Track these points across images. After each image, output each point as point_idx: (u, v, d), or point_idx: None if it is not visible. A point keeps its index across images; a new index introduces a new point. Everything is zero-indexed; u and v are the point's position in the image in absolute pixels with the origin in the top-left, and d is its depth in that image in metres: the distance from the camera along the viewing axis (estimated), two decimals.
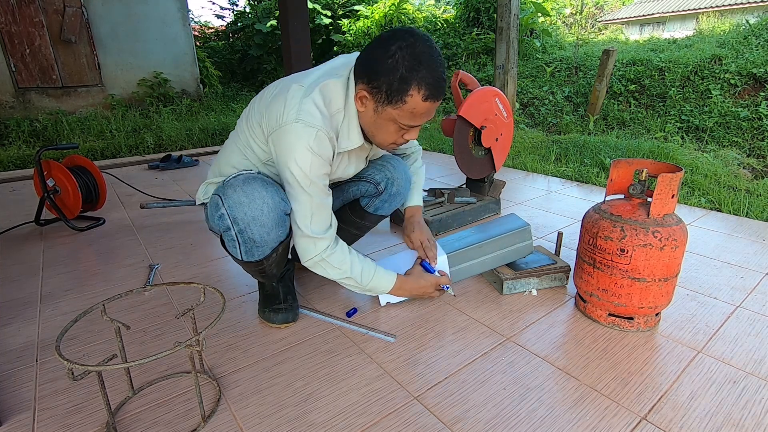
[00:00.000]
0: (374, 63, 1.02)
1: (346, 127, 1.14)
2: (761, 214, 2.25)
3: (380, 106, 1.06)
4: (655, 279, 1.20)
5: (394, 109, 1.05)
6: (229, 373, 1.15)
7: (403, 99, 1.03)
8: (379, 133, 1.14)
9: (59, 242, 2.11)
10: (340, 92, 1.11)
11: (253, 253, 1.17)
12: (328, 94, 1.10)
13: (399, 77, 1.00)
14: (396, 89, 1.02)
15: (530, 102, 5.73)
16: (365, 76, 1.05)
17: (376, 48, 1.03)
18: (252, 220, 1.11)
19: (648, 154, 3.43)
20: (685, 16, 13.24)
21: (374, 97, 1.06)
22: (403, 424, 0.97)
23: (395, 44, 1.00)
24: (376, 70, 1.02)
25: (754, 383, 1.08)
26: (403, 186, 1.47)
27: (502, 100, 2.10)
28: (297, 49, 3.02)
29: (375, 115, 1.09)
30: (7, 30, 5.14)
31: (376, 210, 1.49)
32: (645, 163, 1.28)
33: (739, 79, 4.63)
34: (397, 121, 1.09)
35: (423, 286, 1.37)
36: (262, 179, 1.13)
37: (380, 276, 1.30)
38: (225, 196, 1.12)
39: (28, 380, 1.14)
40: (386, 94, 1.03)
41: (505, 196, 2.63)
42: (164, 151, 4.54)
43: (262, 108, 1.15)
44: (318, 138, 1.06)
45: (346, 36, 8.54)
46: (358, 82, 1.08)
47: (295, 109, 1.06)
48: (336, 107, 1.11)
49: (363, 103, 1.09)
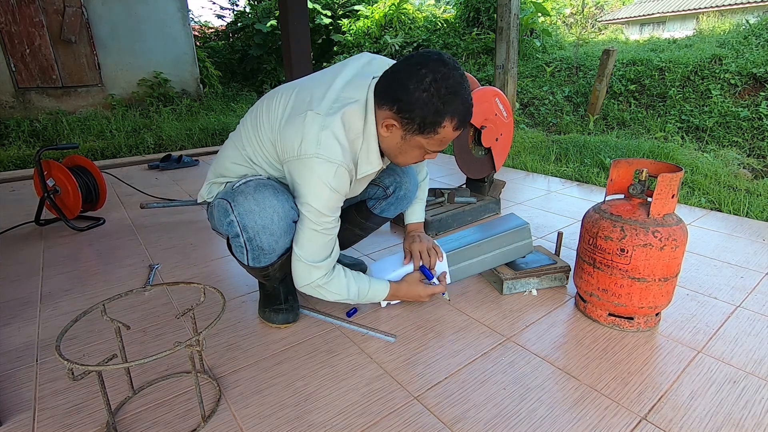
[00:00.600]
0: (405, 94, 0.99)
1: (366, 152, 1.11)
2: (761, 214, 2.25)
3: (409, 134, 1.05)
4: (655, 279, 1.20)
5: (425, 138, 1.04)
6: (229, 373, 1.15)
7: (435, 130, 1.02)
8: (401, 156, 1.13)
9: (59, 242, 2.11)
10: (359, 118, 1.07)
11: (260, 260, 1.17)
12: (347, 123, 1.06)
13: (434, 111, 0.99)
14: (430, 122, 1.01)
15: (530, 102, 5.73)
16: (394, 105, 1.01)
17: (405, 76, 0.99)
18: (262, 228, 1.11)
19: (648, 154, 3.43)
20: (685, 16, 13.24)
21: (404, 127, 1.04)
22: (403, 424, 0.97)
23: (429, 76, 0.97)
24: (409, 101, 0.99)
25: (754, 383, 1.08)
26: (410, 190, 1.47)
27: (502, 100, 2.10)
28: (297, 49, 3.02)
29: (401, 141, 1.08)
30: (7, 30, 5.14)
31: (382, 212, 1.49)
32: (645, 163, 1.28)
33: (739, 79, 4.63)
34: (425, 148, 1.08)
35: (416, 293, 1.37)
36: (273, 186, 1.12)
37: (374, 289, 1.30)
38: (235, 202, 1.11)
39: (28, 380, 1.14)
40: (419, 126, 1.02)
41: (505, 196, 2.63)
42: (164, 151, 4.54)
43: (274, 128, 1.11)
44: (337, 174, 1.04)
45: (346, 36, 8.54)
46: (383, 107, 1.04)
47: (314, 142, 1.02)
48: (355, 134, 1.08)
49: (389, 130, 1.07)
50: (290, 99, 1.13)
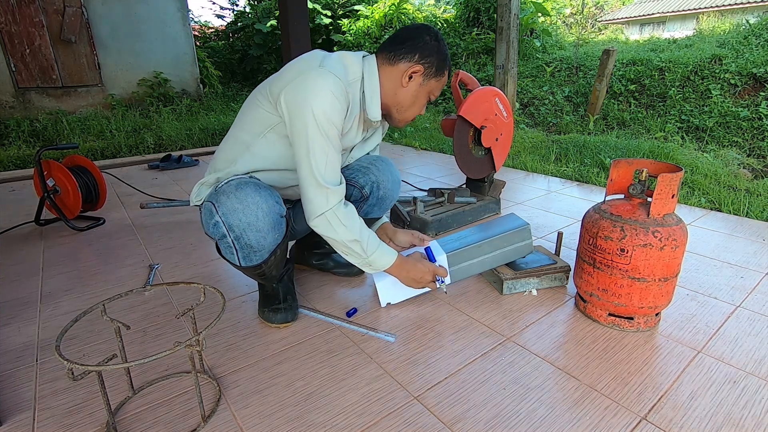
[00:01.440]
0: (422, 43, 1.20)
1: (370, 97, 1.23)
2: (761, 214, 2.25)
3: (427, 79, 1.24)
4: (655, 279, 1.20)
5: (437, 80, 1.25)
6: (229, 373, 1.15)
7: (443, 72, 1.26)
8: (414, 106, 1.28)
9: (59, 242, 2.11)
10: (357, 64, 1.21)
11: (251, 259, 1.17)
12: (346, 63, 1.19)
13: (443, 56, 1.24)
14: (440, 65, 1.24)
15: (530, 102, 5.73)
16: (415, 53, 1.20)
17: (416, 33, 1.21)
18: (248, 226, 1.11)
19: (648, 154, 3.43)
20: (685, 16, 13.24)
21: (426, 71, 1.22)
22: (403, 424, 0.97)
23: (431, 31, 1.22)
24: (426, 48, 1.21)
25: (754, 383, 1.08)
26: (390, 189, 1.46)
27: (502, 100, 2.10)
28: (297, 49, 3.02)
29: (418, 89, 1.24)
30: (7, 30, 5.14)
31: (367, 214, 1.49)
32: (645, 163, 1.28)
33: (739, 79, 4.63)
34: (431, 92, 1.27)
35: (421, 270, 1.33)
36: (255, 183, 1.13)
37: (383, 250, 1.28)
38: (218, 203, 1.11)
39: (28, 380, 1.14)
40: (436, 68, 1.23)
41: (505, 196, 2.63)
42: (164, 151, 4.54)
43: (269, 80, 1.20)
44: (339, 84, 1.11)
45: (346, 36, 8.54)
46: (401, 60, 1.21)
47: (318, 61, 1.14)
48: (353, 76, 1.20)
49: (412, 78, 1.22)
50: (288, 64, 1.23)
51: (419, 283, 1.36)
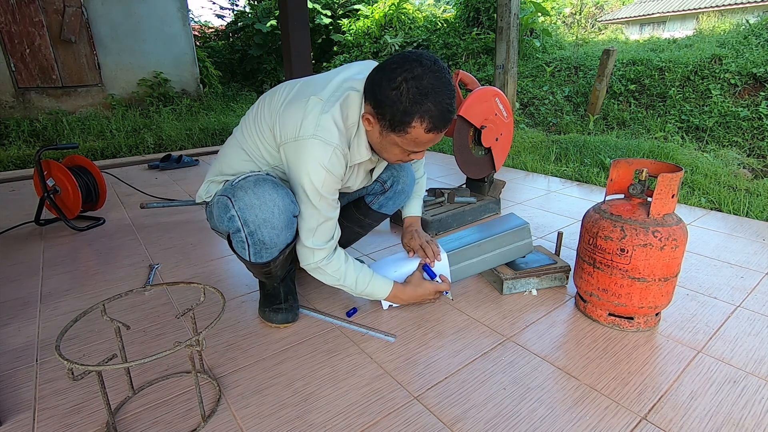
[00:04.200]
0: (379, 90, 1.02)
1: (356, 142, 1.15)
2: (761, 213, 2.25)
3: (384, 131, 1.07)
4: (655, 279, 1.20)
5: (398, 136, 1.06)
6: (229, 373, 1.15)
7: (405, 130, 1.04)
8: (384, 152, 1.16)
9: (59, 242, 2.11)
10: (356, 106, 1.12)
11: (262, 255, 1.18)
12: (346, 109, 1.10)
13: (402, 110, 1.00)
14: (399, 120, 1.02)
15: (530, 102, 5.73)
16: (372, 100, 1.05)
17: (383, 74, 1.02)
18: (263, 222, 1.11)
19: (648, 154, 3.43)
20: (685, 16, 13.24)
21: (379, 123, 1.07)
22: (403, 423, 0.97)
23: (401, 75, 0.98)
24: (381, 98, 1.02)
25: (754, 383, 1.08)
26: (407, 184, 1.48)
27: (502, 100, 2.10)
28: (297, 49, 3.01)
29: (380, 137, 1.11)
30: (7, 30, 5.14)
31: (380, 207, 1.50)
32: (645, 162, 1.28)
33: (739, 79, 4.63)
34: (401, 147, 1.10)
35: (420, 294, 1.37)
36: (273, 181, 1.13)
37: (375, 284, 1.31)
38: (235, 198, 1.11)
39: (28, 380, 1.14)
40: (389, 123, 1.04)
41: (505, 196, 2.63)
42: (164, 150, 4.54)
43: (274, 112, 1.14)
44: (334, 156, 1.07)
45: (346, 36, 8.54)
46: (366, 101, 1.09)
47: (314, 124, 1.05)
48: (352, 121, 1.12)
49: (370, 123, 1.10)
50: (294, 89, 1.17)
51: (422, 303, 1.42)
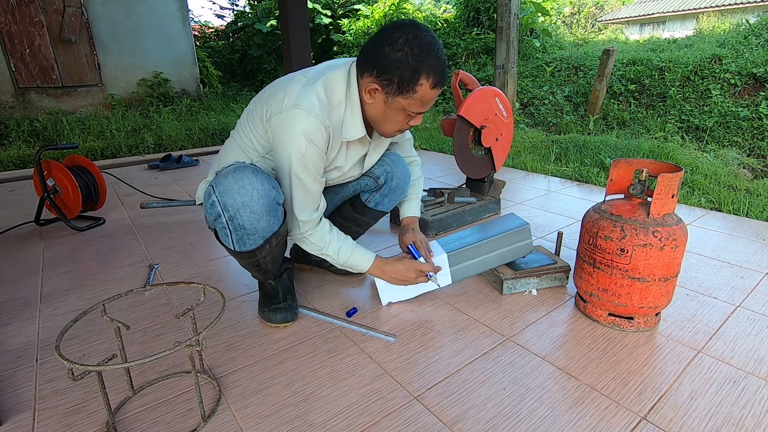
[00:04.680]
0: (382, 56, 1.05)
1: (350, 118, 1.18)
2: (761, 213, 2.25)
3: (390, 97, 1.11)
4: (655, 279, 1.20)
5: (405, 98, 1.10)
6: (229, 373, 1.15)
7: (413, 89, 1.08)
8: (387, 122, 1.18)
9: (59, 242, 2.11)
10: (341, 83, 1.15)
11: (245, 242, 1.17)
12: (330, 85, 1.14)
13: (410, 69, 1.05)
14: (407, 80, 1.06)
15: (530, 102, 5.73)
16: (373, 69, 1.08)
17: (381, 41, 1.06)
18: (242, 206, 1.11)
19: (648, 154, 3.43)
20: (685, 16, 13.24)
21: (385, 89, 1.10)
22: (403, 423, 0.97)
23: (401, 37, 1.04)
24: (385, 62, 1.05)
25: (754, 383, 1.08)
26: (402, 180, 1.48)
27: (502, 100, 2.10)
28: (297, 49, 3.01)
29: (385, 106, 1.13)
30: (7, 30, 5.14)
31: (377, 205, 1.50)
32: (645, 162, 1.28)
33: (739, 79, 4.63)
34: (407, 110, 1.13)
35: (401, 270, 1.35)
36: (253, 168, 1.14)
37: (357, 255, 1.32)
38: (216, 183, 1.13)
39: (28, 380, 1.14)
40: (397, 86, 1.08)
41: (505, 196, 2.63)
42: (164, 150, 4.54)
43: (263, 102, 1.18)
44: (315, 125, 1.09)
45: (346, 36, 8.54)
46: (364, 75, 1.11)
47: (296, 96, 1.10)
48: (338, 98, 1.15)
49: (372, 95, 1.12)
50: (281, 79, 1.22)
51: (404, 281, 1.38)
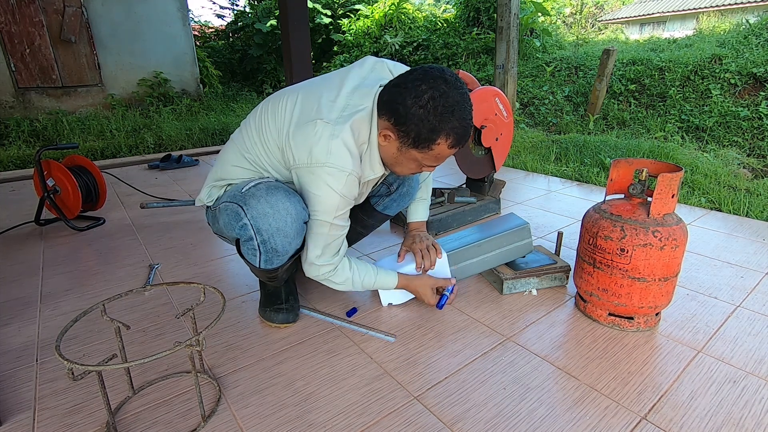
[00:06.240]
0: (403, 108, 1.00)
1: (368, 158, 1.14)
2: (761, 213, 2.25)
3: (404, 147, 1.07)
4: (655, 279, 1.20)
5: (420, 152, 1.07)
6: (229, 373, 1.15)
7: (430, 146, 1.04)
8: (398, 166, 1.16)
9: (59, 242, 2.11)
10: (366, 126, 1.10)
11: (273, 262, 1.18)
12: (356, 130, 1.08)
13: (429, 128, 1.00)
14: (425, 138, 1.02)
15: (530, 102, 5.73)
16: (392, 117, 1.04)
17: (406, 90, 1.00)
18: (276, 231, 1.11)
19: (648, 154, 3.43)
20: (685, 16, 13.24)
21: (400, 139, 1.06)
22: (403, 423, 0.97)
23: (428, 92, 0.98)
24: (405, 115, 1.01)
25: (754, 383, 1.08)
26: (412, 187, 1.49)
27: (502, 100, 2.10)
28: (297, 49, 3.01)
29: (398, 153, 1.10)
30: (7, 30, 5.14)
31: (385, 209, 1.51)
32: (645, 162, 1.28)
33: (739, 79, 4.63)
34: (420, 162, 1.11)
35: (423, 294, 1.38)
36: (285, 189, 1.13)
37: (382, 278, 1.33)
38: (248, 206, 1.11)
39: (28, 380, 1.14)
40: (413, 140, 1.04)
41: (505, 196, 2.63)
42: (164, 150, 4.54)
43: (282, 133, 1.12)
44: (348, 182, 1.07)
45: (346, 36, 8.54)
46: (382, 117, 1.07)
47: (325, 151, 1.04)
48: (362, 141, 1.11)
49: (386, 140, 1.09)
50: (297, 103, 1.13)
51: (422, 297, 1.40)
